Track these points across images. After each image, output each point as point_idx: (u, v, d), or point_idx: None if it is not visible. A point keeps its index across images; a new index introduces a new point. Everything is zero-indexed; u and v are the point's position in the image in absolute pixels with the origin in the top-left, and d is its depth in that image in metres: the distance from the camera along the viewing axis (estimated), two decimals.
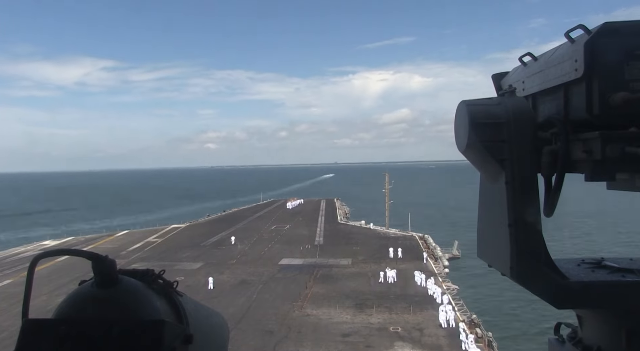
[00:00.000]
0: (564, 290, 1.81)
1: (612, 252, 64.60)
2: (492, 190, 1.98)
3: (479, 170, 2.09)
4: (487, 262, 2.14)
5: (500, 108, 1.89)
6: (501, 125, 1.85)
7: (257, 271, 52.10)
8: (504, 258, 1.89)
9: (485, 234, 2.15)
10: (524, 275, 1.82)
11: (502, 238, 1.90)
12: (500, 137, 1.85)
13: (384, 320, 36.94)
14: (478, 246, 2.23)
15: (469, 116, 1.86)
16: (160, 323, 1.16)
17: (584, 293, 1.80)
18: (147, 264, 47.68)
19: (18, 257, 60.27)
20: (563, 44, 1.85)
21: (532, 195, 1.86)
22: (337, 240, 68.66)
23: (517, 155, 1.85)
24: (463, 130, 1.92)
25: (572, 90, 1.80)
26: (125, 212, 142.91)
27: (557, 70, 1.84)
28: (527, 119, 1.88)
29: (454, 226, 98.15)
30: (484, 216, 2.17)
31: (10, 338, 30.05)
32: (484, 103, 1.93)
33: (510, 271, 1.85)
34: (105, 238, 75.88)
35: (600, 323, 1.92)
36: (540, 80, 2.00)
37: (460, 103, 1.98)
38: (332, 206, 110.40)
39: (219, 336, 1.55)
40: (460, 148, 1.99)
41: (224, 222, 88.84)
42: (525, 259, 1.82)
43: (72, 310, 1.19)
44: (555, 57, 1.87)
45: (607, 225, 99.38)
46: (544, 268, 1.83)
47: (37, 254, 1.23)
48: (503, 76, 2.40)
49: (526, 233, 1.83)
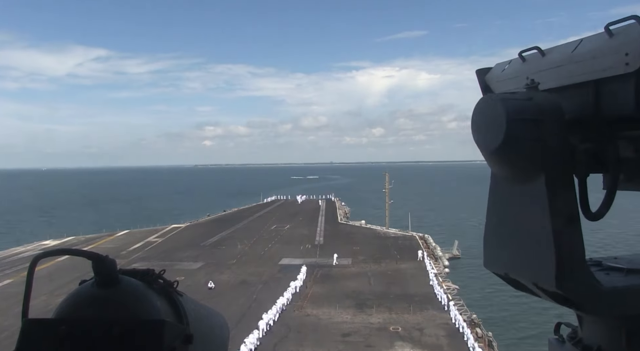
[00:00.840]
0: (605, 297, 1.69)
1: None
2: (522, 193, 1.79)
3: (506, 172, 1.87)
4: (503, 272, 1.95)
5: (533, 103, 1.72)
6: (538, 122, 1.69)
7: (257, 271, 52.11)
8: (538, 267, 1.71)
9: (503, 242, 1.93)
10: (568, 283, 1.66)
11: (536, 245, 1.72)
12: (538, 134, 1.68)
13: (384, 319, 36.95)
14: (487, 255, 2.03)
15: (505, 111, 1.67)
16: (160, 323, 1.16)
17: (621, 300, 1.70)
18: (148, 264, 47.67)
19: (18, 257, 60.28)
20: (590, 37, 1.72)
21: (573, 197, 1.72)
22: (337, 240, 68.64)
23: (555, 154, 1.70)
24: (495, 127, 1.71)
25: (610, 86, 1.65)
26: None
27: (588, 65, 1.68)
28: (559, 116, 1.72)
29: (454, 226, 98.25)
30: (501, 222, 1.95)
31: (10, 338, 30.05)
32: (516, 98, 1.75)
33: (553, 281, 1.66)
34: (105, 238, 75.90)
35: (600, 323, 1.90)
36: (557, 76, 1.83)
37: (488, 97, 1.80)
38: (333, 206, 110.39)
39: (219, 336, 1.55)
40: (487, 148, 1.77)
41: (224, 222, 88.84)
42: (568, 266, 1.66)
43: (72, 309, 1.19)
44: (584, 52, 1.71)
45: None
46: (587, 275, 1.69)
47: (37, 254, 1.23)
48: (487, 72, 2.27)
49: (569, 239, 1.67)
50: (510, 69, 2.12)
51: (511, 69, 2.11)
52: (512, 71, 2.10)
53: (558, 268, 1.64)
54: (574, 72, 1.75)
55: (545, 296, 1.83)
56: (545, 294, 1.81)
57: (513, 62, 2.11)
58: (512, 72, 2.10)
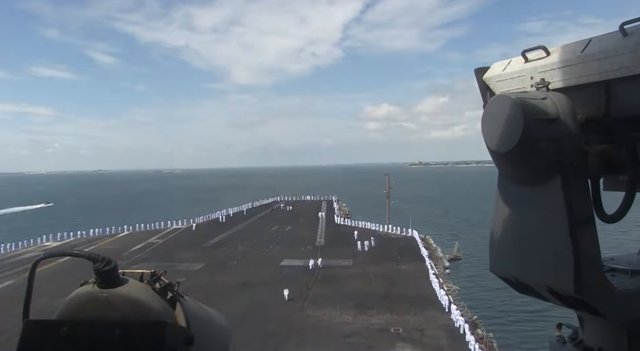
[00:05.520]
0: (620, 300, 1.66)
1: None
2: (534, 195, 1.73)
3: (518, 173, 1.81)
4: (512, 277, 1.88)
5: (548, 103, 1.68)
6: (554, 122, 1.65)
7: (258, 273, 52.09)
8: (554, 271, 1.66)
9: (512, 245, 1.87)
10: (586, 287, 1.60)
11: (550, 248, 1.66)
12: (554, 134, 1.64)
13: (385, 320, 36.91)
14: (494, 259, 1.97)
15: (522, 111, 1.62)
16: (161, 324, 1.16)
17: (633, 302, 1.67)
18: (149, 265, 47.53)
19: (19, 258, 60.31)
20: (600, 37, 1.68)
21: (588, 199, 1.68)
22: (338, 241, 68.60)
23: (570, 155, 1.65)
24: (511, 127, 1.65)
25: (622, 86, 1.61)
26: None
27: (599, 65, 1.64)
28: (574, 116, 1.68)
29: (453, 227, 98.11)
30: (510, 225, 1.87)
31: (11, 340, 30.05)
32: (532, 97, 1.70)
33: (572, 285, 1.61)
34: (106, 239, 75.90)
35: (601, 324, 1.90)
36: (564, 76, 1.78)
37: (502, 96, 1.74)
38: (333, 206, 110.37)
39: (220, 337, 1.55)
40: (500, 149, 1.70)
41: (225, 223, 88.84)
42: (586, 270, 1.61)
43: (73, 311, 1.19)
44: (595, 51, 1.66)
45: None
46: (603, 279, 1.66)
47: (39, 256, 1.23)
48: (485, 71, 2.22)
49: (586, 242, 1.62)
50: (511, 68, 2.09)
51: (513, 68, 2.08)
52: (514, 70, 2.07)
53: (576, 272, 1.59)
54: (584, 71, 1.71)
55: (556, 300, 1.78)
56: (559, 298, 1.76)
57: (514, 61, 2.09)
58: (514, 71, 2.06)
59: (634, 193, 1.71)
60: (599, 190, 1.77)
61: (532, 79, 1.94)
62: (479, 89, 2.25)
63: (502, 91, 2.07)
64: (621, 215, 1.74)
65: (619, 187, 1.77)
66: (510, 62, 2.12)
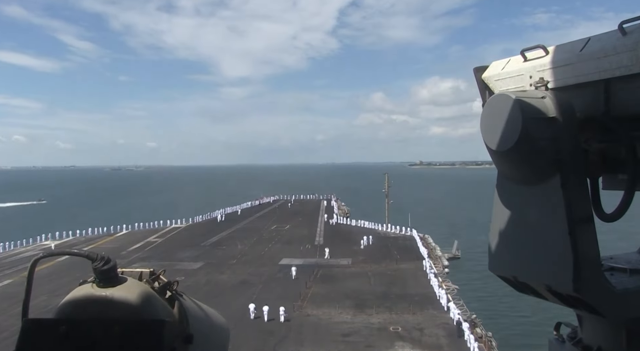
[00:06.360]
0: (618, 299, 1.65)
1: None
2: (533, 194, 1.72)
3: (517, 172, 1.79)
4: (511, 275, 1.87)
5: (547, 102, 1.67)
6: (553, 121, 1.65)
7: (257, 271, 52.09)
8: (553, 270, 1.65)
9: (512, 244, 1.86)
10: (585, 286, 1.60)
11: (549, 247, 1.65)
12: (553, 134, 1.64)
13: (384, 319, 36.94)
14: (493, 258, 1.96)
15: (521, 110, 1.62)
16: (160, 322, 1.16)
17: (632, 302, 1.66)
18: (148, 264, 47.63)
19: (18, 257, 60.24)
20: (599, 36, 1.67)
21: (587, 198, 1.67)
22: (337, 240, 68.61)
23: (571, 154, 1.64)
24: (510, 126, 1.65)
25: (622, 84, 1.60)
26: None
27: (598, 63, 1.63)
28: (573, 115, 1.67)
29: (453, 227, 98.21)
30: (509, 224, 1.86)
31: (10, 338, 30.04)
32: (531, 96, 1.69)
33: (570, 285, 1.61)
34: (105, 238, 75.84)
35: (600, 323, 1.90)
36: (563, 75, 1.77)
37: (501, 95, 1.73)
38: (332, 206, 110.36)
39: (219, 336, 1.55)
40: (499, 147, 1.70)
41: (224, 222, 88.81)
42: (585, 269, 1.60)
43: (72, 309, 1.19)
44: (594, 50, 1.65)
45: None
46: (602, 278, 1.65)
47: (37, 255, 1.23)
48: (484, 70, 2.21)
49: (585, 241, 1.62)
50: (510, 67, 2.08)
51: (512, 67, 2.07)
52: (513, 69, 2.06)
53: (575, 271, 1.59)
54: (583, 70, 1.70)
55: (555, 299, 1.78)
56: (558, 297, 1.75)
57: (513, 60, 2.09)
58: (513, 70, 2.06)
59: (633, 192, 1.71)
60: (598, 189, 1.75)
61: (531, 77, 1.93)
62: (478, 88, 2.24)
63: (501, 90, 2.06)
64: (620, 213, 1.74)
65: (618, 185, 1.77)
66: (509, 61, 2.12)
